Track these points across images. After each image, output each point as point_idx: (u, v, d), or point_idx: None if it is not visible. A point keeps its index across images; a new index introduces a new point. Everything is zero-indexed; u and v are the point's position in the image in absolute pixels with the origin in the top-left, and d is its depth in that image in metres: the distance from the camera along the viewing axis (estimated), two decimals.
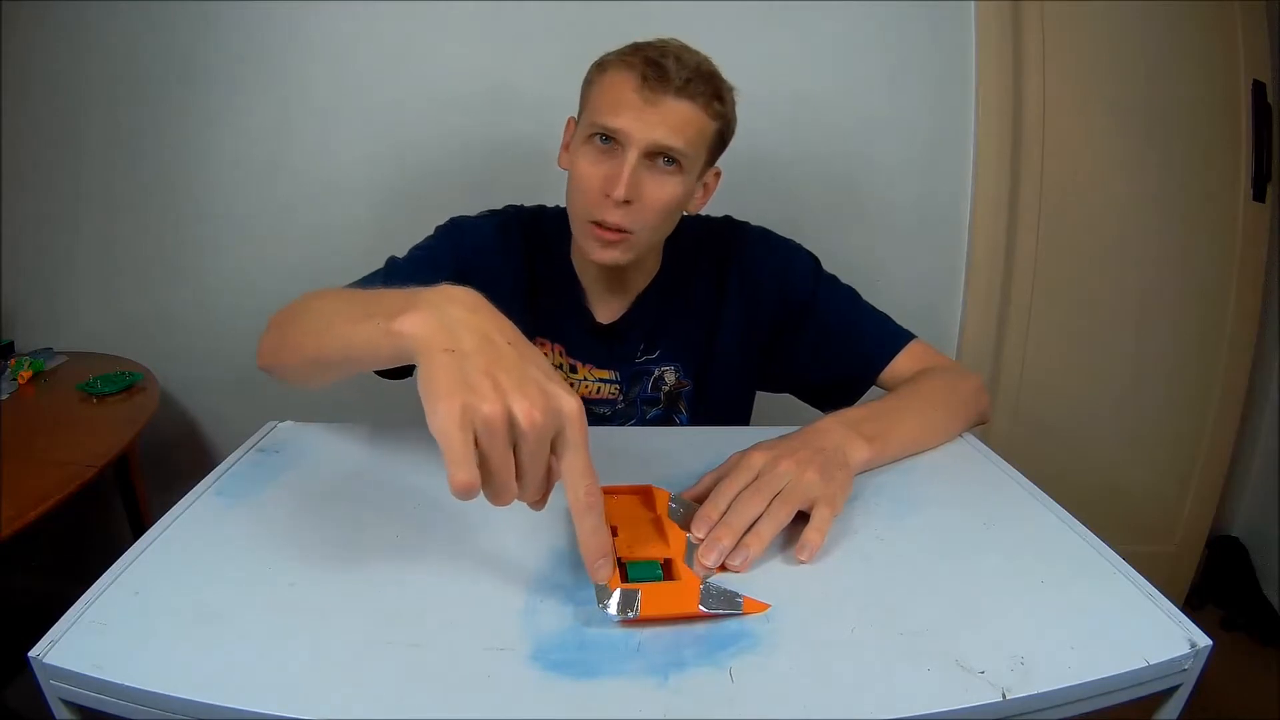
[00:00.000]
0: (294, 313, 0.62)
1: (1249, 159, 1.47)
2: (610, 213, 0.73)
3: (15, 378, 1.22)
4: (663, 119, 0.71)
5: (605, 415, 0.87)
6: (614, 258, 0.76)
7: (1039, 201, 1.46)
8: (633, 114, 0.71)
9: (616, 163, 0.72)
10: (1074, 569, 0.51)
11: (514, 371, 0.41)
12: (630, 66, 0.72)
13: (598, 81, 0.75)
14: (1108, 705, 0.42)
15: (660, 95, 0.71)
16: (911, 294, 1.44)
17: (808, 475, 0.54)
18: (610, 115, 0.72)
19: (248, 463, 0.64)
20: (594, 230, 0.74)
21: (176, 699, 0.38)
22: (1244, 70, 1.44)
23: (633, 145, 0.71)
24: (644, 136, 0.71)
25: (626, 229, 0.73)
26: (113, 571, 0.48)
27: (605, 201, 0.72)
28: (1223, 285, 1.53)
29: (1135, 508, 1.64)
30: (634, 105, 0.71)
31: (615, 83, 0.73)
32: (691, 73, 0.72)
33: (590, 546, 0.43)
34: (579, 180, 0.75)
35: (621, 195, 0.71)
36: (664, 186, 0.74)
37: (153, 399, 1.21)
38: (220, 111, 1.32)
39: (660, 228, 0.78)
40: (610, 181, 0.72)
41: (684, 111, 0.72)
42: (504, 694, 0.39)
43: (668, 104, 0.71)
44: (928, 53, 1.38)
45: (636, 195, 0.72)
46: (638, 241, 0.76)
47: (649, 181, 0.73)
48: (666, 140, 0.71)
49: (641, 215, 0.74)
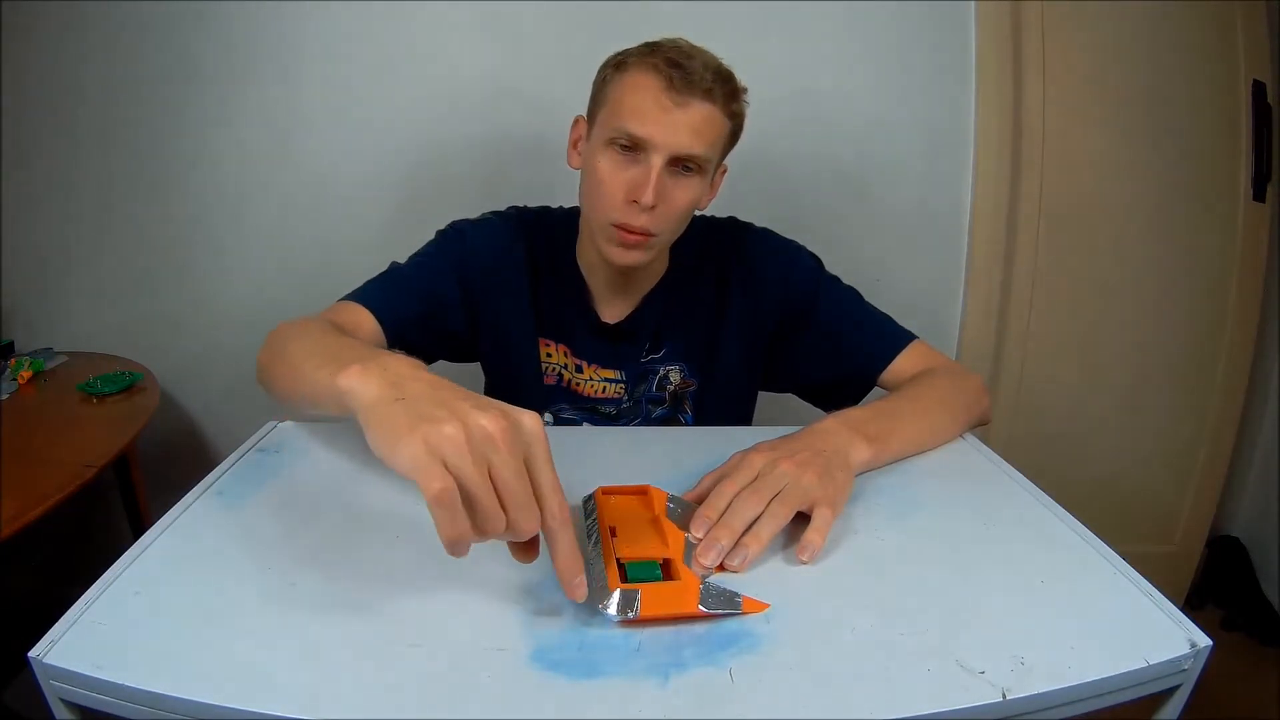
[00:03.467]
0: (281, 340, 0.64)
1: (1249, 159, 1.47)
2: (636, 218, 0.73)
3: (15, 378, 1.22)
4: (687, 124, 0.71)
5: (611, 414, 0.87)
6: (636, 259, 0.76)
7: (1039, 201, 1.46)
8: (659, 121, 0.71)
9: (641, 169, 0.72)
10: (1074, 569, 0.51)
11: (467, 398, 0.42)
12: (654, 69, 0.71)
13: (617, 82, 0.74)
14: (1108, 705, 0.42)
15: (686, 99, 0.70)
16: (911, 294, 1.44)
17: (807, 476, 0.54)
18: (635, 122, 0.71)
19: (248, 463, 0.64)
20: (619, 234, 0.74)
21: (176, 699, 0.38)
22: (1244, 70, 1.44)
23: (658, 152, 0.71)
24: (670, 144, 0.71)
25: (651, 232, 0.74)
26: (113, 571, 0.48)
27: (631, 207, 0.73)
28: (1223, 285, 1.53)
29: (1135, 508, 1.64)
30: (662, 110, 0.70)
31: (638, 85, 0.72)
32: (713, 75, 0.72)
33: (566, 566, 0.42)
34: (601, 185, 0.74)
35: (650, 201, 0.71)
36: (686, 191, 0.74)
37: (153, 399, 1.20)
38: (220, 111, 1.32)
39: (677, 229, 0.79)
40: (637, 188, 0.72)
41: (706, 114, 0.72)
42: (504, 694, 0.39)
43: (692, 108, 0.71)
44: (928, 53, 1.38)
45: (663, 199, 0.73)
46: (657, 244, 0.77)
47: (672, 186, 0.73)
48: (691, 148, 0.72)
49: (665, 219, 0.74)
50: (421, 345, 0.82)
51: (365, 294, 0.78)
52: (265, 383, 0.66)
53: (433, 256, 0.83)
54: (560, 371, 0.86)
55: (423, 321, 0.80)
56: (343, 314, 0.75)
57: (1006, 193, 1.43)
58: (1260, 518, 1.66)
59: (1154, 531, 1.67)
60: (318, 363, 0.50)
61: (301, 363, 0.54)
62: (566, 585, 0.43)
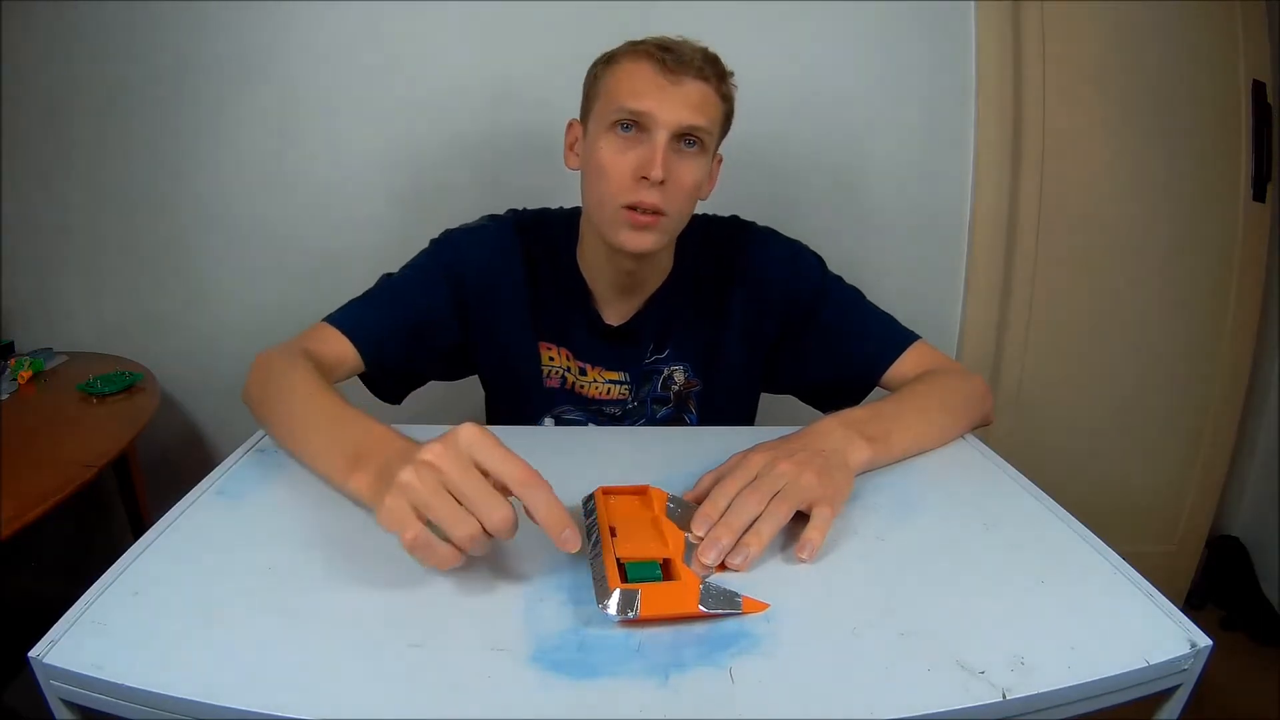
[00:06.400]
0: (275, 388, 0.67)
1: (1249, 159, 1.47)
2: (646, 194, 0.72)
3: (15, 378, 1.22)
4: (686, 99, 0.72)
5: (615, 415, 0.87)
6: (650, 243, 0.75)
7: (1039, 201, 1.46)
8: (658, 96, 0.71)
9: (647, 146, 0.72)
10: (1074, 569, 0.51)
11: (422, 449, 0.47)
12: (645, 55, 0.72)
13: (609, 74, 0.75)
14: (1108, 705, 0.42)
15: (681, 76, 0.71)
16: (911, 294, 1.44)
17: (806, 476, 0.54)
18: (634, 99, 0.72)
19: (248, 463, 0.64)
20: (629, 216, 0.73)
21: (176, 699, 0.38)
22: (1244, 70, 1.44)
23: (661, 126, 0.71)
24: (672, 117, 0.71)
25: (662, 209, 0.73)
26: (113, 571, 0.48)
27: (641, 184, 0.72)
28: (1223, 285, 1.53)
29: (1135, 508, 1.64)
30: (658, 87, 0.71)
31: (631, 70, 0.73)
32: (702, 56, 0.73)
33: (549, 520, 0.45)
34: (606, 169, 0.74)
35: (659, 174, 0.71)
36: (691, 168, 0.74)
37: (153, 399, 1.20)
38: (220, 112, 1.32)
39: (686, 212, 0.78)
40: (645, 164, 0.72)
41: (703, 91, 0.73)
42: (504, 694, 0.39)
43: (688, 84, 0.72)
44: (928, 53, 1.38)
45: (670, 175, 0.72)
46: (669, 225, 0.76)
47: (677, 163, 0.73)
48: (692, 120, 0.72)
49: (674, 196, 0.74)
50: (404, 368, 0.83)
51: (347, 319, 0.78)
52: (258, 420, 0.69)
53: (423, 270, 0.83)
54: (563, 374, 0.86)
55: (408, 344, 0.80)
56: (324, 345, 0.75)
57: (1006, 193, 1.43)
58: (1260, 518, 1.66)
59: (1154, 531, 1.67)
60: (322, 443, 0.59)
61: (302, 423, 0.62)
62: (557, 539, 0.45)
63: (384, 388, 0.83)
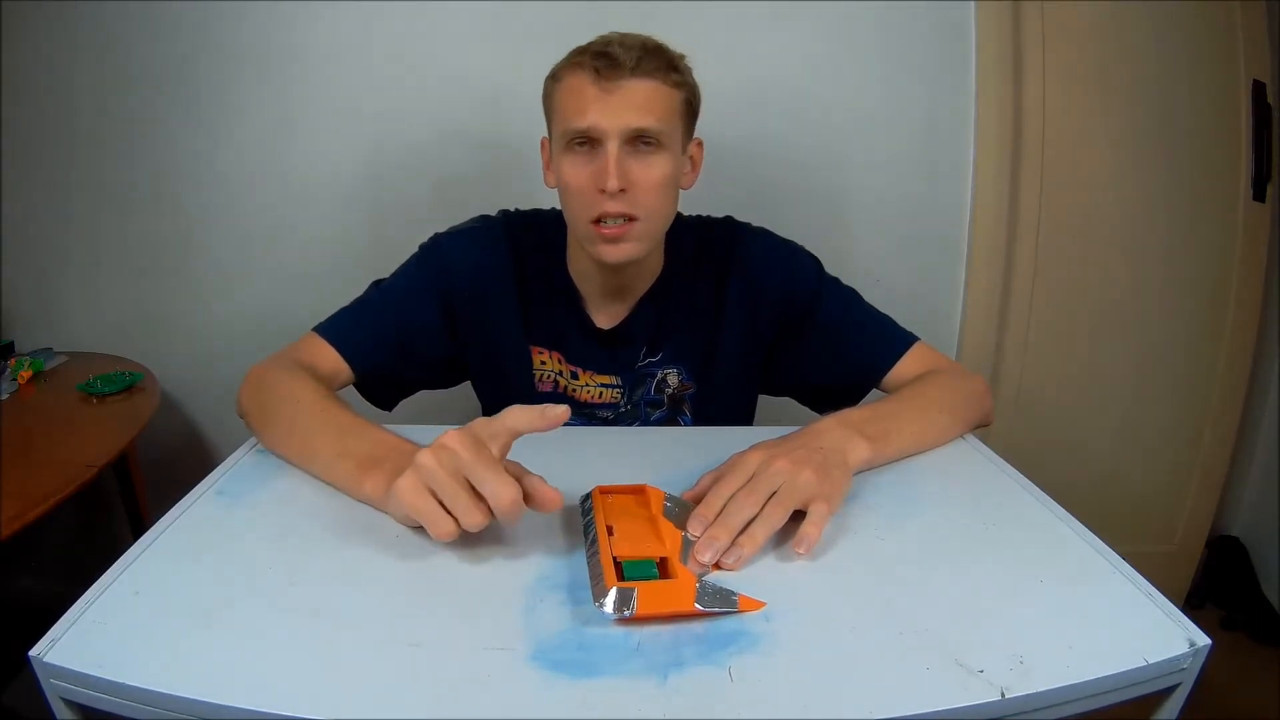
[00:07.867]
0: (273, 399, 0.67)
1: (1249, 159, 1.47)
2: (609, 204, 0.72)
3: (15, 378, 1.22)
4: (627, 103, 0.71)
5: (608, 419, 0.87)
6: (625, 253, 0.75)
7: (1039, 201, 1.46)
8: (599, 107, 0.71)
9: (600, 158, 0.72)
10: (1074, 569, 0.51)
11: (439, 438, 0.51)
12: (580, 68, 0.73)
13: (556, 92, 0.76)
14: (1107, 705, 0.42)
15: (616, 81, 0.71)
16: (911, 294, 1.44)
17: (804, 475, 0.54)
18: (579, 117, 0.72)
19: (248, 463, 0.64)
20: (598, 230, 0.74)
21: (176, 698, 0.38)
22: (1244, 70, 1.44)
23: (608, 137, 0.71)
24: (615, 125, 0.71)
25: (630, 214, 0.73)
26: (113, 571, 0.48)
27: (600, 197, 0.73)
28: (1223, 285, 1.53)
29: (1135, 508, 1.64)
30: (597, 98, 0.71)
31: (571, 87, 0.73)
32: (639, 51, 0.72)
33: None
34: (569, 187, 0.75)
35: (615, 185, 0.71)
36: (652, 167, 0.74)
37: (153, 399, 1.20)
38: (220, 112, 1.32)
39: (662, 210, 0.77)
40: (599, 176, 0.72)
41: (645, 90, 0.72)
42: (504, 694, 0.39)
43: (627, 87, 0.71)
44: (928, 53, 1.38)
45: (628, 181, 0.72)
46: (644, 230, 0.75)
47: (636, 166, 0.73)
48: (638, 122, 0.72)
49: (641, 199, 0.74)
50: (395, 379, 0.83)
51: (337, 332, 0.78)
52: (256, 433, 0.68)
53: (411, 278, 0.83)
54: (556, 379, 0.86)
55: (397, 356, 0.81)
56: (316, 357, 0.76)
57: (1006, 193, 1.43)
58: (1260, 518, 1.66)
59: (1154, 531, 1.67)
60: (332, 454, 0.60)
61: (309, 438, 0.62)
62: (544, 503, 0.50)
63: (376, 394, 0.84)
